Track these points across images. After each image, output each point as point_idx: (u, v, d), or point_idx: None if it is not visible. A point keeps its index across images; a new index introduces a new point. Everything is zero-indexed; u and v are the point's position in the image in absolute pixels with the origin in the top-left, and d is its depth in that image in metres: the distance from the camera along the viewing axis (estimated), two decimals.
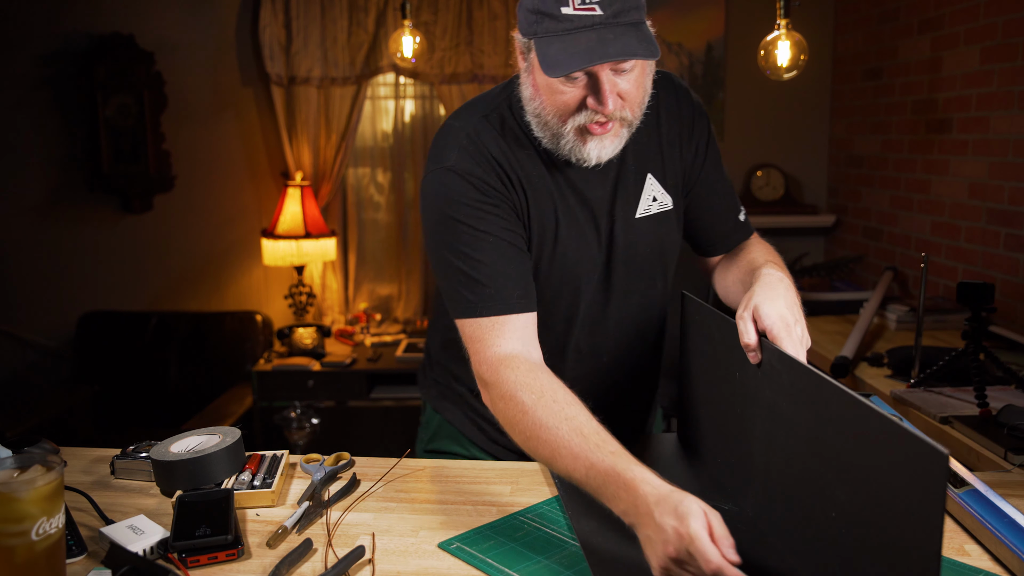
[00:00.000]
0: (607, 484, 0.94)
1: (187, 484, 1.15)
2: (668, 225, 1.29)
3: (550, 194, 1.20)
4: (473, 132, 1.18)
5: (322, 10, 3.53)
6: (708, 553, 0.82)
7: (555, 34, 1.04)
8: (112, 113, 3.53)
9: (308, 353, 3.41)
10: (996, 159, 2.58)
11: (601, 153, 1.14)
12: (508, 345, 1.12)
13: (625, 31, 1.03)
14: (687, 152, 1.30)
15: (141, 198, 3.63)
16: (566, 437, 0.99)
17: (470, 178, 1.15)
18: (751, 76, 3.67)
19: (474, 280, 1.13)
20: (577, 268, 1.23)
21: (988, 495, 1.09)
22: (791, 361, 0.96)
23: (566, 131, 1.12)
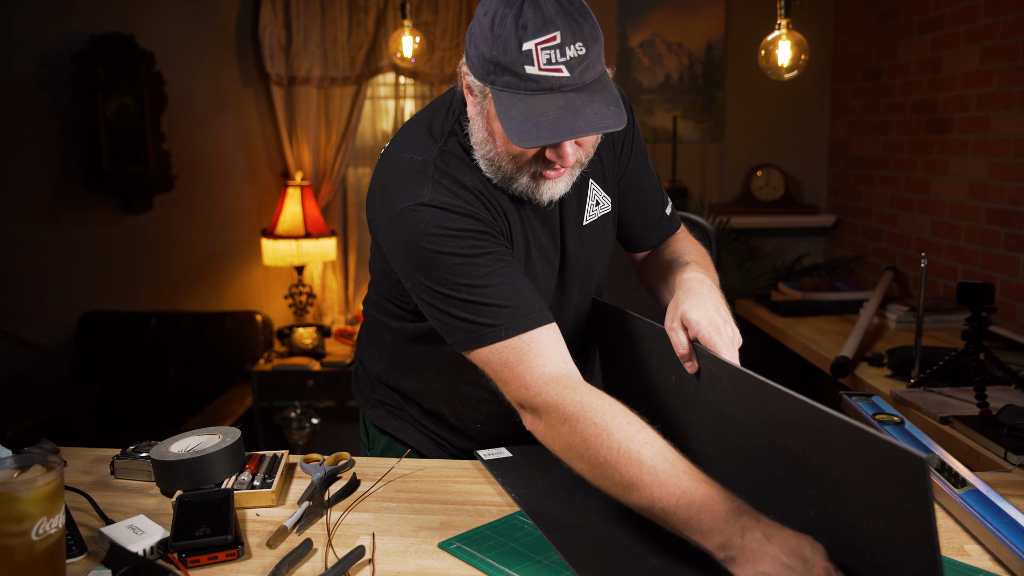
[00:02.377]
0: (702, 515, 0.87)
1: (187, 484, 1.15)
2: (608, 227, 1.28)
3: (519, 217, 1.16)
4: (440, 163, 1.10)
5: (322, 10, 3.53)
6: None
7: (517, 92, 0.97)
8: (112, 113, 3.53)
9: (308, 353, 3.41)
10: (996, 159, 2.59)
11: (554, 193, 1.11)
12: (553, 363, 1.03)
13: (592, 95, 0.98)
14: (619, 146, 1.28)
15: (141, 198, 3.63)
16: (650, 463, 0.91)
17: (453, 209, 1.06)
18: (751, 76, 3.67)
19: (485, 305, 1.04)
20: (542, 284, 1.20)
21: (988, 495, 1.09)
22: (729, 367, 0.95)
23: (520, 176, 1.08)
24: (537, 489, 1.16)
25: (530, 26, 0.95)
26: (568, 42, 0.95)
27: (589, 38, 0.97)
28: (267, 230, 3.51)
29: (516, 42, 0.95)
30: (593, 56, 0.98)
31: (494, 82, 0.99)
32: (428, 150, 1.12)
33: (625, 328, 1.19)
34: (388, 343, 1.32)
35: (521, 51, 0.95)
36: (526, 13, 0.95)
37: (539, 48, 0.95)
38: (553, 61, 0.95)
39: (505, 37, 0.96)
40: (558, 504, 1.12)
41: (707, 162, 3.81)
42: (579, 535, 1.03)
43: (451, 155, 1.12)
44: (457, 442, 1.38)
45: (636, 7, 3.70)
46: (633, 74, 3.76)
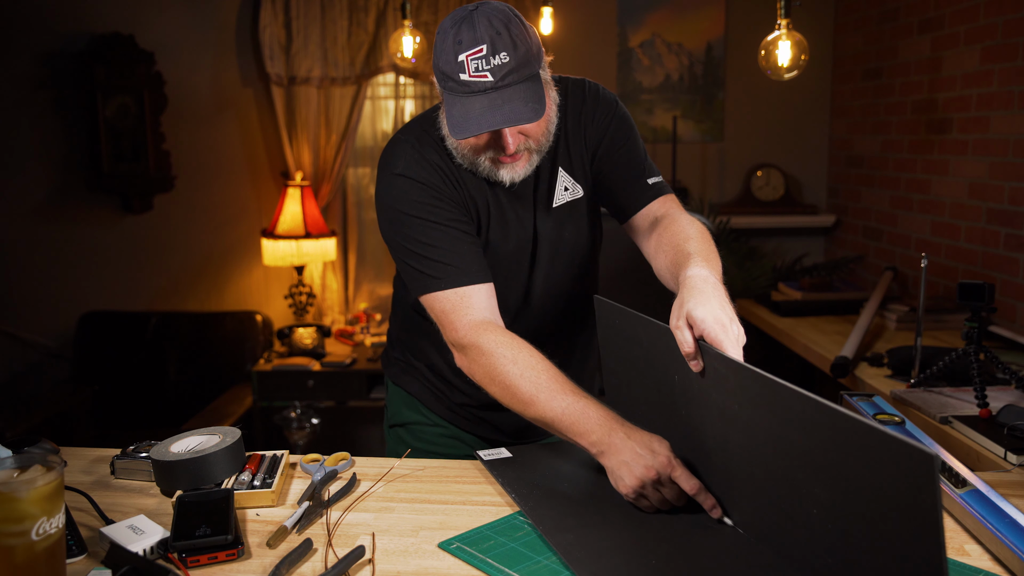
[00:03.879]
0: (580, 419, 1.14)
1: (187, 484, 1.15)
2: (581, 212, 1.42)
3: (482, 192, 1.35)
4: (417, 143, 1.33)
5: (322, 10, 3.53)
6: (689, 476, 1.05)
7: (457, 95, 1.19)
8: (112, 113, 3.53)
9: (308, 353, 3.41)
10: (996, 159, 2.59)
11: (514, 176, 1.29)
12: (480, 314, 1.27)
13: (513, 94, 1.17)
14: (591, 136, 1.40)
15: (141, 198, 3.63)
16: (545, 383, 1.17)
17: (417, 180, 1.30)
18: (751, 76, 3.67)
19: (433, 261, 1.28)
20: (506, 255, 1.38)
21: (988, 495, 1.10)
22: (736, 365, 0.95)
23: (480, 161, 1.28)
24: (537, 489, 1.17)
25: (464, 41, 1.17)
26: (492, 53, 1.16)
27: (512, 48, 1.17)
28: (267, 230, 3.51)
29: (454, 55, 1.17)
30: (517, 62, 1.17)
31: (443, 87, 1.22)
32: (413, 133, 1.35)
33: (628, 327, 1.20)
34: (400, 308, 1.56)
35: (457, 61, 1.17)
36: (463, 32, 1.17)
37: (469, 59, 1.16)
38: (480, 69, 1.16)
39: (447, 51, 1.18)
40: (558, 504, 1.12)
41: (707, 162, 3.81)
42: (579, 535, 1.03)
43: (428, 138, 1.33)
44: (455, 397, 1.52)
45: (636, 7, 3.70)
46: (633, 74, 3.76)
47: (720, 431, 1.02)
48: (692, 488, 1.06)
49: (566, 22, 3.65)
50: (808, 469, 0.87)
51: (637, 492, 1.08)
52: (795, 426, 0.87)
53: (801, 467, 0.88)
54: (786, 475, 0.91)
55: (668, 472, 1.06)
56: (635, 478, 1.07)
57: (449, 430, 1.55)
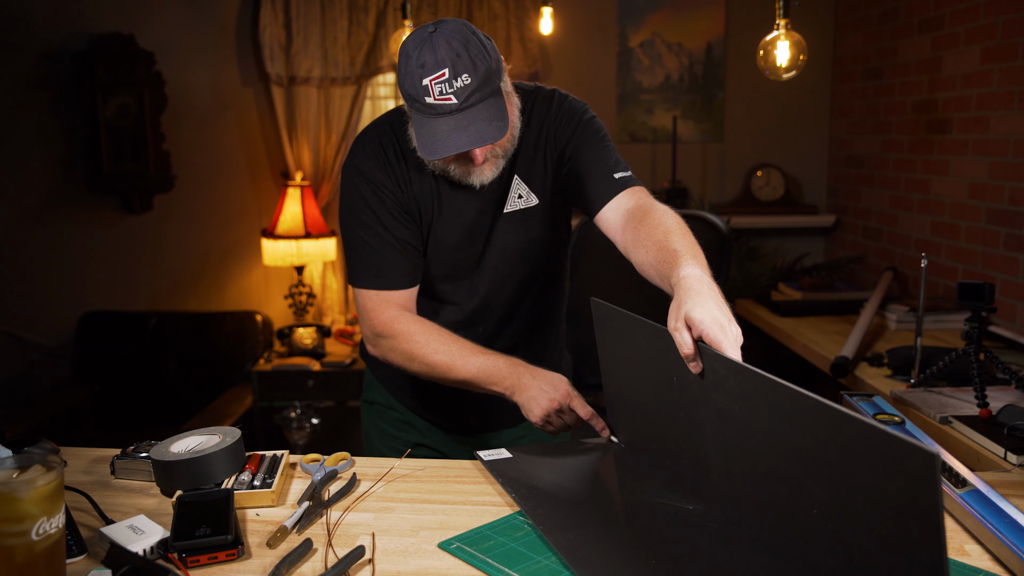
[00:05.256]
0: (493, 372, 1.33)
1: (187, 484, 1.15)
2: (535, 220, 1.46)
3: (435, 193, 1.41)
4: (379, 138, 1.41)
5: (322, 10, 3.53)
6: (584, 404, 1.28)
7: (424, 115, 1.24)
8: (112, 113, 3.53)
9: (308, 353, 3.41)
10: (996, 159, 2.59)
11: (483, 179, 1.35)
12: (394, 311, 1.41)
13: (477, 114, 1.22)
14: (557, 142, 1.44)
15: (141, 198, 3.63)
16: (456, 351, 1.35)
17: (367, 177, 1.38)
18: (751, 76, 3.67)
19: (364, 258, 1.40)
20: (456, 253, 1.45)
21: (988, 495, 1.10)
22: (736, 365, 0.94)
23: (450, 168, 1.34)
24: (537, 489, 1.17)
25: (426, 65, 1.21)
26: (454, 76, 1.20)
27: (473, 69, 1.21)
28: (267, 230, 3.51)
29: (418, 78, 1.21)
30: (478, 81, 1.21)
31: (411, 107, 1.27)
32: (380, 128, 1.42)
33: (626, 329, 1.19)
34: None
35: (421, 85, 1.21)
36: (424, 55, 1.21)
37: (433, 83, 1.21)
38: (444, 92, 1.21)
39: (412, 74, 1.22)
40: (558, 504, 1.12)
41: (707, 162, 3.81)
42: (579, 535, 1.03)
43: (392, 135, 1.40)
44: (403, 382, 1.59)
45: (636, 7, 3.70)
46: (633, 74, 3.76)
47: (720, 431, 1.02)
48: (586, 414, 1.31)
49: (566, 22, 3.65)
50: (808, 468, 0.87)
51: (544, 420, 1.30)
52: (795, 426, 0.87)
53: (801, 467, 0.88)
54: (786, 475, 0.91)
55: (567, 402, 1.30)
56: (541, 409, 1.29)
57: (404, 415, 1.61)
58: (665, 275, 1.16)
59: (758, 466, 0.96)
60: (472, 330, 1.47)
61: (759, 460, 0.95)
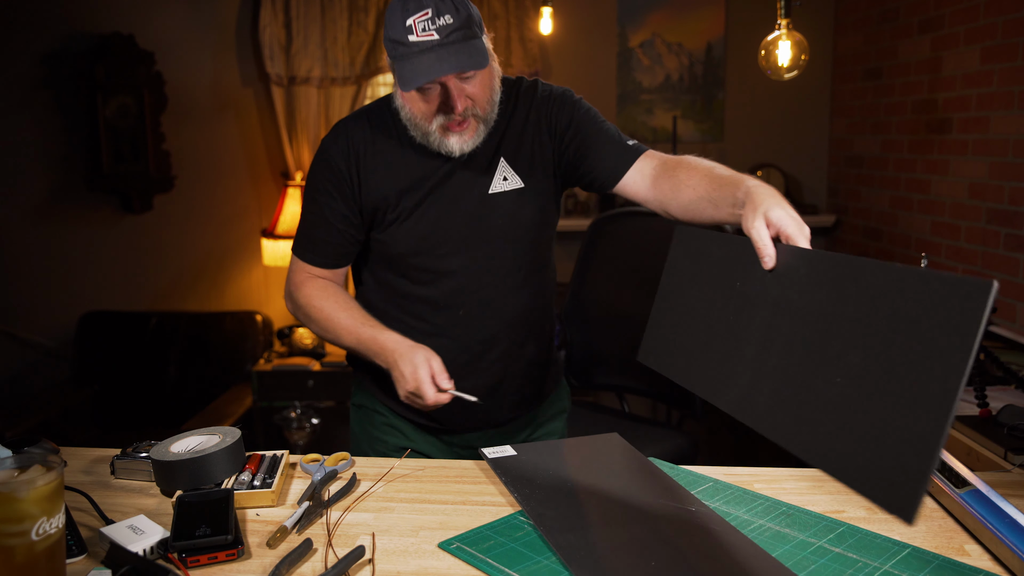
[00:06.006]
0: (371, 347, 1.41)
1: (187, 484, 1.15)
2: (521, 202, 1.48)
3: (408, 174, 1.45)
4: (348, 123, 1.49)
5: (322, 10, 3.53)
6: (427, 394, 1.32)
7: (406, 57, 1.29)
8: (112, 113, 3.53)
9: (308, 353, 3.41)
10: (996, 159, 2.59)
11: (463, 146, 1.38)
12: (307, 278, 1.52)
13: (458, 49, 1.28)
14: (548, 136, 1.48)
15: (141, 198, 3.63)
16: (344, 322, 1.44)
17: (326, 157, 1.47)
18: (751, 76, 3.67)
19: (305, 228, 1.51)
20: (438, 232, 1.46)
21: (988, 495, 1.09)
22: (813, 253, 1.00)
23: (432, 129, 1.37)
24: (539, 489, 1.17)
25: (411, 7, 1.28)
26: (437, 15, 1.27)
27: (455, 11, 1.28)
28: (267, 230, 3.51)
29: (402, 21, 1.29)
30: (460, 22, 1.28)
31: (394, 56, 1.31)
32: (359, 115, 1.49)
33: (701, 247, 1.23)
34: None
35: (405, 26, 1.28)
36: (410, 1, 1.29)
37: (416, 21, 1.28)
38: (427, 29, 1.28)
39: (396, 19, 1.30)
40: (560, 504, 1.12)
41: None
42: (579, 536, 1.03)
43: (363, 118, 1.48)
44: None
45: (636, 7, 3.70)
46: (633, 74, 3.76)
47: (767, 322, 1.03)
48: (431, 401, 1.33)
49: (566, 22, 3.65)
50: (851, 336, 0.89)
51: (407, 402, 1.38)
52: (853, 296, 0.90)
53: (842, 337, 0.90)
54: (822, 350, 0.93)
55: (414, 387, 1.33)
56: (403, 390, 1.36)
57: (389, 419, 1.60)
58: (726, 197, 1.25)
59: (794, 346, 0.97)
60: (452, 312, 1.49)
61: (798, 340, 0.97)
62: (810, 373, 0.94)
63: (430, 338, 1.48)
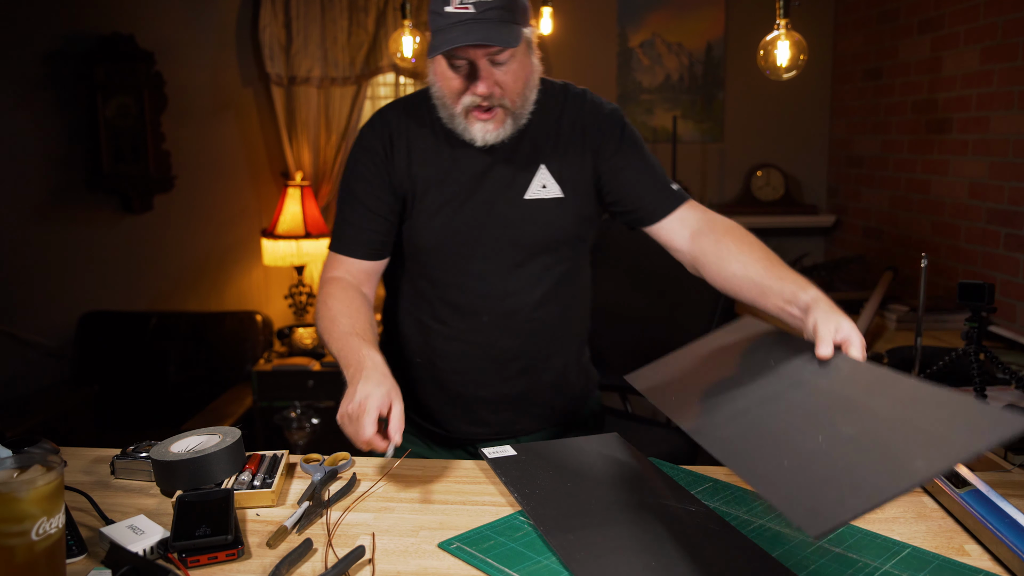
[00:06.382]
0: (348, 355, 1.27)
1: (187, 484, 1.15)
2: (558, 212, 1.43)
3: (439, 166, 1.41)
4: (384, 108, 1.47)
5: (322, 10, 3.53)
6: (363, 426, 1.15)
7: (439, 28, 1.26)
8: (112, 113, 3.53)
9: (308, 353, 3.41)
10: (996, 159, 2.59)
11: (486, 136, 1.34)
12: (338, 274, 1.44)
13: (490, 25, 1.24)
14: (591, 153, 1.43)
15: (141, 198, 3.63)
16: (341, 327, 1.33)
17: (366, 142, 1.44)
18: (751, 76, 3.67)
19: (342, 223, 1.45)
20: (461, 232, 1.41)
21: (989, 495, 1.09)
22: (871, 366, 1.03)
23: (458, 112, 1.33)
24: (539, 489, 1.17)
25: None
26: None
27: None
28: (267, 230, 3.51)
29: None
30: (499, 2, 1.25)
31: (431, 27, 1.29)
32: (395, 102, 1.48)
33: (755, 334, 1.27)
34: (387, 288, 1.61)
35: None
36: None
37: None
38: (464, 2, 1.25)
39: None
40: (560, 504, 1.12)
41: (707, 162, 3.81)
42: (579, 536, 1.03)
43: (400, 105, 1.46)
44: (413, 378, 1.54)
45: (636, 7, 3.70)
46: (633, 74, 3.76)
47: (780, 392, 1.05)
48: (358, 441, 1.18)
49: (566, 22, 3.65)
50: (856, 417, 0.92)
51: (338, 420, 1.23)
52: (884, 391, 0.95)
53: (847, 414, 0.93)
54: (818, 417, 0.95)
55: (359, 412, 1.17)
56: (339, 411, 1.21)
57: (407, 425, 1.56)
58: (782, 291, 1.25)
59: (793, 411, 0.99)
60: (475, 318, 1.44)
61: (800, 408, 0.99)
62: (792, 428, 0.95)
63: (450, 342, 1.45)
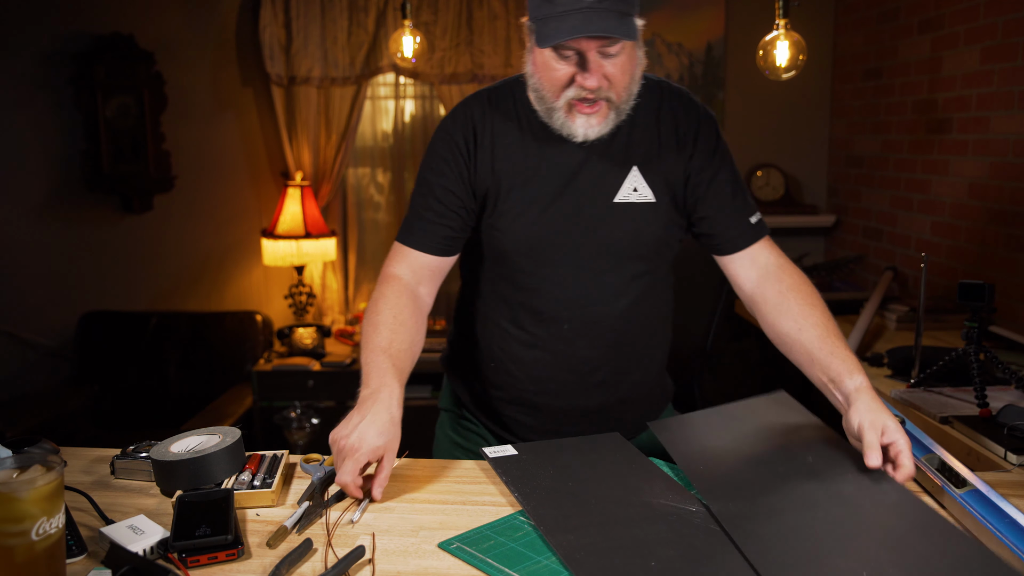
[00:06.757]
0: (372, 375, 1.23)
1: (187, 484, 1.15)
2: (648, 218, 1.37)
3: (525, 163, 1.34)
4: (468, 100, 1.40)
5: (322, 10, 3.53)
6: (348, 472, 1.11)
7: (552, 16, 1.19)
8: (112, 113, 3.53)
9: (308, 353, 3.41)
10: (996, 159, 2.59)
11: (588, 131, 1.28)
12: (399, 269, 1.38)
13: (608, 15, 1.17)
14: (689, 161, 1.37)
15: (141, 198, 3.63)
16: (381, 339, 1.28)
17: (446, 135, 1.37)
18: (751, 76, 3.66)
19: (415, 215, 1.39)
20: (547, 235, 1.35)
21: (988, 495, 1.09)
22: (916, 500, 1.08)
23: (558, 105, 1.27)
24: (540, 488, 1.17)
25: None
26: None
27: None
28: (267, 230, 3.51)
29: None
30: None
31: (538, 16, 1.21)
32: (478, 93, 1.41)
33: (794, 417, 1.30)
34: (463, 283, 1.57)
35: None
36: None
37: None
38: None
39: None
40: (561, 503, 1.12)
41: None
42: (579, 536, 1.03)
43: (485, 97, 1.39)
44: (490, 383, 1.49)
45: None
46: None
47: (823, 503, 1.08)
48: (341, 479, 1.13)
49: None
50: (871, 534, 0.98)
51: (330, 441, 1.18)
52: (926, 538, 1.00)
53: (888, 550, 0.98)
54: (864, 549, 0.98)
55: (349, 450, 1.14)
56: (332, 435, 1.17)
57: (471, 424, 1.55)
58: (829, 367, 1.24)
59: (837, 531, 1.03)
60: (556, 326, 1.38)
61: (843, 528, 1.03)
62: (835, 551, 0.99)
63: (530, 350, 1.40)
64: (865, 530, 1.00)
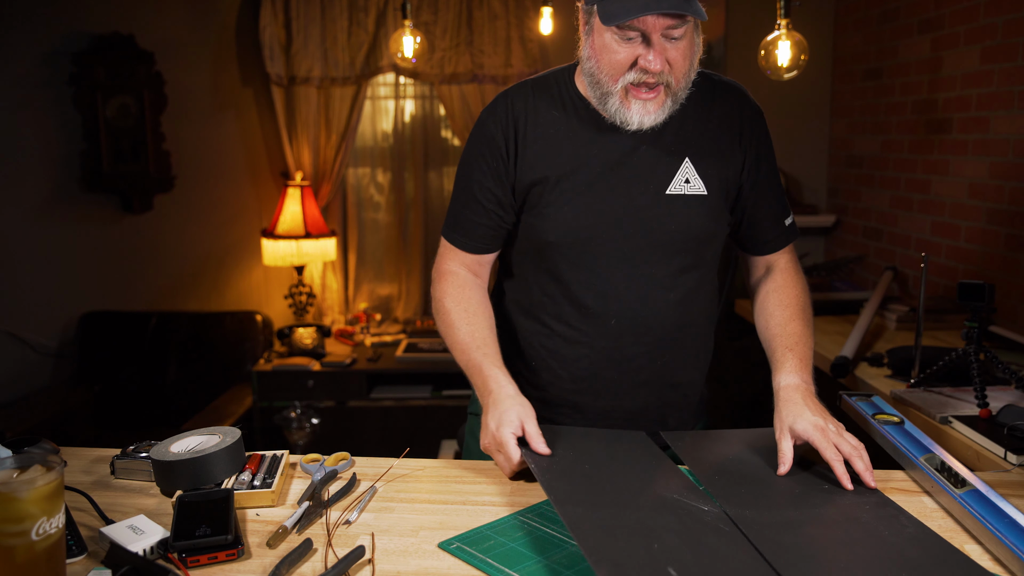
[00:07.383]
0: (475, 376, 1.29)
1: (187, 484, 1.15)
2: (700, 211, 1.33)
3: (572, 152, 1.31)
4: (510, 91, 1.36)
5: (322, 10, 3.53)
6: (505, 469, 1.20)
7: None
8: (112, 113, 3.53)
9: (308, 353, 3.41)
10: (996, 159, 2.58)
11: (644, 119, 1.24)
12: (452, 266, 1.41)
13: None
14: (742, 155, 1.37)
15: (141, 198, 3.63)
16: (462, 337, 1.32)
17: (484, 129, 1.35)
18: (751, 76, 3.65)
19: (457, 213, 1.39)
20: (595, 226, 1.31)
21: (988, 495, 1.09)
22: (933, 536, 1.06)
23: (615, 90, 1.22)
24: (557, 465, 1.16)
25: None
26: None
27: None
28: (267, 230, 3.51)
29: None
30: None
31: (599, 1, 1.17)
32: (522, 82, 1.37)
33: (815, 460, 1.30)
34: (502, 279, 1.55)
35: None
36: None
37: None
38: None
39: None
40: (573, 481, 1.12)
41: None
42: (587, 511, 1.03)
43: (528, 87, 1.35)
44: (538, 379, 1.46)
45: None
46: None
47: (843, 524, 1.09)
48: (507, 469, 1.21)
49: (566, 22, 3.65)
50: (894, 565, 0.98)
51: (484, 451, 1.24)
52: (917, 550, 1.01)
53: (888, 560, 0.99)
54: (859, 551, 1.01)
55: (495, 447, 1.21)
56: (483, 440, 1.23)
57: None
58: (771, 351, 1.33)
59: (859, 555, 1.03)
60: (602, 321, 1.33)
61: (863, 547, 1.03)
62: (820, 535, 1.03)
63: (573, 346, 1.36)
64: (885, 554, 0.98)
